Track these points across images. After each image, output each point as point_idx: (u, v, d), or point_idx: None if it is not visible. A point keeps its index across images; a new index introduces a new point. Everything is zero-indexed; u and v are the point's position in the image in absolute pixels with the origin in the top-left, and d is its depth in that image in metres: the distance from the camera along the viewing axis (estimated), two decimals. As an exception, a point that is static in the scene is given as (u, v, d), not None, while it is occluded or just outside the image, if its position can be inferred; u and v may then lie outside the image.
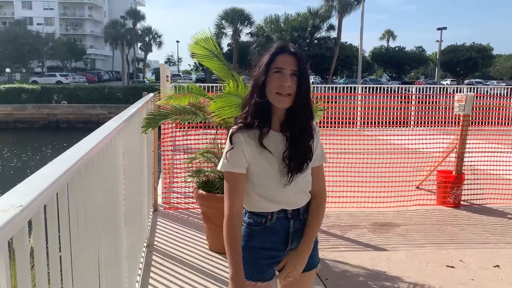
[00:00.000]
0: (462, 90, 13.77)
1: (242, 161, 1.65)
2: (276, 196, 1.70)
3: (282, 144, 1.65)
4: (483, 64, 55.21)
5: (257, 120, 1.62)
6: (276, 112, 1.64)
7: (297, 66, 1.58)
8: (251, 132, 1.64)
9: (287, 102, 1.58)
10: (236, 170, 1.65)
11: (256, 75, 1.64)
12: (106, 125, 2.06)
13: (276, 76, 1.57)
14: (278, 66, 1.58)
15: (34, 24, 62.42)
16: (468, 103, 5.24)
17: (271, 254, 1.74)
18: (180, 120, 3.51)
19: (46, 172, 1.13)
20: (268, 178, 1.68)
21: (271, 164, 1.66)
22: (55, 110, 31.48)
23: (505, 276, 3.42)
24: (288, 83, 1.55)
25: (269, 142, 1.64)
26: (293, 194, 1.71)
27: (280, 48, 1.63)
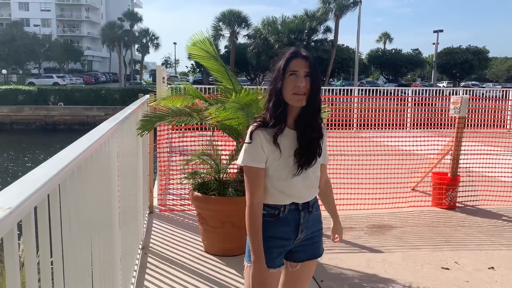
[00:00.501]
0: (458, 93, 13.82)
1: (261, 156, 1.81)
2: (289, 189, 1.85)
3: (296, 141, 1.82)
4: (479, 67, 55.50)
5: (274, 120, 1.79)
6: (292, 112, 1.80)
7: (309, 68, 1.76)
8: (269, 130, 1.80)
9: (303, 100, 1.74)
10: (256, 164, 1.81)
11: (273, 79, 1.82)
12: (100, 127, 2.06)
13: (291, 78, 1.74)
14: (292, 69, 1.75)
15: (31, 26, 62.31)
16: (463, 105, 5.26)
17: (283, 243, 1.90)
18: (175, 122, 3.50)
19: (37, 173, 1.12)
20: (283, 173, 1.83)
21: (286, 160, 1.82)
22: (52, 112, 31.40)
23: (500, 277, 3.43)
24: (303, 84, 1.73)
25: (284, 139, 1.80)
26: (304, 188, 1.88)
27: (293, 53, 1.80)
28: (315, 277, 3.34)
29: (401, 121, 11.64)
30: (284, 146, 1.81)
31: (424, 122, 11.02)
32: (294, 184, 1.85)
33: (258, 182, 1.82)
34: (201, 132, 5.43)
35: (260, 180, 1.83)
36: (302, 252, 1.97)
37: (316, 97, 1.77)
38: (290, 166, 1.83)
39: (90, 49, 71.31)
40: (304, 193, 1.90)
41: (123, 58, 53.78)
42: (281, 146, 1.81)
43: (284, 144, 1.81)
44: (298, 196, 1.88)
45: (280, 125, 1.79)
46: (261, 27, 43.22)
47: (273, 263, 1.87)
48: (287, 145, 1.82)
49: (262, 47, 42.50)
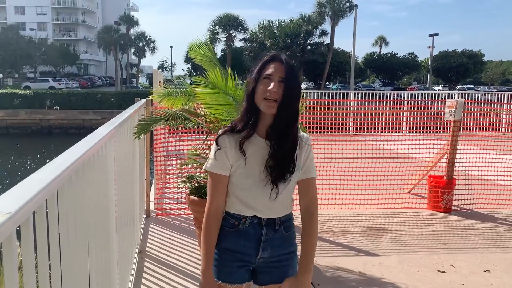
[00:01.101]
0: (453, 96, 13.89)
1: (225, 163, 1.70)
2: (252, 201, 1.73)
3: (265, 151, 1.68)
4: (474, 70, 55.79)
5: (242, 125, 1.68)
6: (264, 119, 1.67)
7: (285, 73, 1.63)
8: (236, 136, 1.69)
9: (273, 107, 1.61)
10: (218, 171, 1.71)
11: (248, 81, 1.70)
12: (98, 131, 2.06)
13: (264, 82, 1.63)
14: (267, 73, 1.63)
15: (27, 29, 62.10)
16: (458, 109, 5.29)
17: (242, 257, 1.76)
18: (172, 126, 3.51)
19: (36, 178, 1.13)
20: (246, 182, 1.71)
21: (251, 169, 1.69)
22: (48, 116, 31.30)
23: (495, 280, 3.45)
24: (274, 88, 1.60)
25: (251, 147, 1.68)
26: (269, 202, 1.72)
27: (272, 56, 1.69)
28: (312, 280, 3.35)
29: (397, 125, 11.69)
30: (250, 154, 1.69)
31: (420, 126, 11.07)
32: (257, 196, 1.71)
33: (219, 189, 1.72)
34: (197, 136, 5.44)
35: (221, 187, 1.72)
36: (266, 274, 1.80)
37: (289, 106, 1.63)
38: (256, 176, 1.69)
39: (86, 53, 71.24)
40: (270, 208, 1.74)
41: (120, 62, 53.75)
42: (247, 154, 1.68)
43: (251, 152, 1.69)
44: (261, 210, 1.73)
45: (247, 131, 1.67)
46: (257, 31, 43.35)
47: (231, 277, 1.76)
48: (254, 153, 1.69)
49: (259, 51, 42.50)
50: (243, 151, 1.67)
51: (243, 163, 1.68)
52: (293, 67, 1.68)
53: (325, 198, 5.19)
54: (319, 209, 1.91)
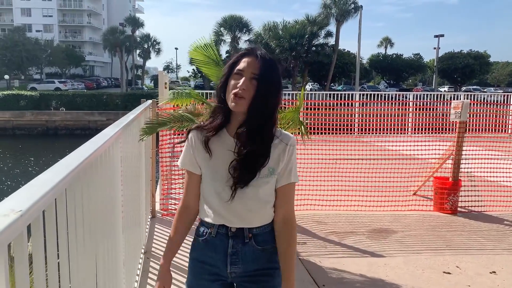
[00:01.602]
0: (459, 97, 13.84)
1: (191, 158, 1.61)
2: (219, 207, 1.58)
3: (232, 154, 1.54)
4: (480, 71, 55.49)
5: (211, 120, 1.58)
6: (236, 116, 1.54)
7: (259, 69, 1.49)
8: (204, 132, 1.58)
9: (240, 105, 1.48)
10: (186, 167, 1.63)
11: (220, 78, 1.59)
12: (104, 132, 2.08)
13: (235, 77, 1.50)
14: (239, 68, 1.51)
15: (33, 31, 62.61)
16: (464, 110, 5.28)
17: (212, 270, 1.64)
18: (177, 128, 3.53)
19: (45, 178, 1.14)
20: (212, 185, 1.58)
21: (217, 170, 1.57)
22: (54, 117, 31.49)
23: (502, 282, 3.44)
24: (243, 86, 1.47)
25: (219, 144, 1.57)
26: (238, 210, 1.57)
27: (247, 50, 1.57)
28: (317, 281, 3.35)
29: (402, 126, 11.66)
30: (216, 152, 1.56)
31: (425, 127, 11.04)
32: (223, 201, 1.55)
33: (188, 187, 1.65)
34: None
35: (190, 185, 1.64)
36: None
37: (261, 105, 1.48)
38: (221, 177, 1.55)
39: (92, 54, 71.61)
40: (238, 216, 1.57)
41: (125, 63, 53.97)
42: (213, 152, 1.56)
43: (218, 150, 1.56)
44: (228, 218, 1.57)
45: (213, 127, 1.55)
46: (262, 32, 43.33)
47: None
48: (221, 152, 1.55)
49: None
50: (208, 148, 1.56)
51: (208, 163, 1.58)
52: (270, 63, 1.53)
53: (330, 199, 5.19)
54: (325, 210, 1.82)
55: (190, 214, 1.69)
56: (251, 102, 1.47)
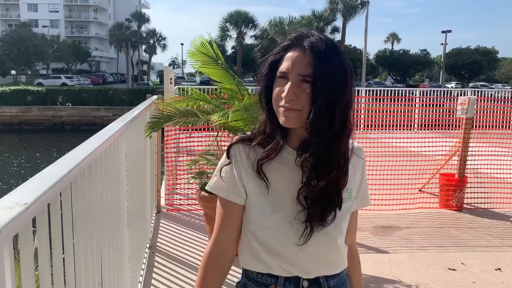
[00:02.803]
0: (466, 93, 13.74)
1: (235, 184, 1.17)
2: (285, 252, 1.15)
3: (298, 170, 1.13)
4: (488, 67, 55.08)
5: (262, 135, 1.17)
6: (295, 130, 1.13)
7: (310, 68, 1.04)
8: (257, 149, 1.16)
9: (291, 120, 1.07)
10: (227, 196, 1.19)
11: (259, 78, 1.17)
12: (110, 127, 2.09)
13: (279, 82, 1.09)
14: (282, 69, 1.09)
15: (40, 27, 62.90)
16: (470, 106, 5.24)
17: None
18: (182, 123, 3.53)
19: (51, 171, 1.15)
20: (274, 221, 1.14)
21: (280, 199, 1.14)
22: (60, 112, 31.68)
23: (507, 279, 3.42)
24: (289, 96, 1.05)
25: (278, 165, 1.15)
26: (314, 254, 1.16)
27: (290, 40, 1.12)
28: (322, 277, 3.35)
29: (409, 122, 11.61)
30: (275, 174, 1.14)
31: (432, 123, 10.98)
32: (291, 244, 1.14)
33: (227, 221, 1.20)
34: (208, 132, 5.47)
35: (230, 221, 1.20)
36: None
37: (324, 114, 1.04)
38: (288, 210, 1.13)
39: (98, 50, 71.87)
40: (315, 262, 1.17)
41: (131, 59, 54.10)
42: (270, 176, 1.14)
43: (276, 170, 1.14)
44: (301, 266, 1.16)
45: (271, 147, 1.13)
46: (268, 27, 43.24)
47: None
48: (282, 173, 1.15)
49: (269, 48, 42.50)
50: (263, 174, 1.13)
51: (264, 191, 1.14)
52: (326, 51, 1.06)
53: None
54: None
55: (225, 264, 1.21)
56: (309, 115, 1.05)
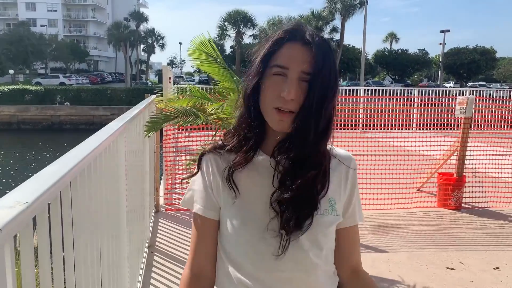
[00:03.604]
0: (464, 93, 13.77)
1: (208, 200, 1.08)
2: (257, 271, 1.01)
3: (271, 175, 1.02)
4: (486, 67, 55.17)
5: (235, 141, 1.06)
6: (273, 132, 1.02)
7: (313, 65, 0.95)
8: (230, 156, 1.06)
9: (287, 123, 0.97)
10: (201, 212, 1.09)
11: (247, 74, 1.06)
12: (109, 126, 2.09)
13: (275, 80, 0.97)
14: (280, 63, 0.97)
15: (38, 26, 62.73)
16: (469, 105, 5.25)
17: None
18: (181, 123, 3.54)
19: (51, 170, 1.15)
20: (244, 235, 1.02)
21: (250, 209, 1.03)
22: (58, 112, 31.62)
23: (505, 278, 3.43)
24: (291, 95, 0.94)
25: (248, 172, 1.05)
26: (290, 272, 1.01)
27: (287, 32, 1.00)
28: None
29: (407, 122, 11.62)
30: (247, 182, 1.04)
31: (430, 123, 10.99)
32: (265, 260, 1.00)
33: (203, 240, 1.10)
34: (206, 132, 5.47)
35: (204, 238, 1.10)
36: None
37: (317, 117, 0.96)
38: (260, 221, 1.01)
39: (96, 49, 71.75)
40: (291, 282, 1.01)
41: (129, 58, 54.03)
42: (240, 180, 1.04)
43: (248, 178, 1.05)
44: (274, 285, 1.01)
45: (243, 155, 1.04)
46: (267, 27, 43.23)
47: None
48: (254, 181, 1.04)
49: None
50: (233, 183, 1.04)
51: (235, 200, 1.04)
52: (325, 49, 0.98)
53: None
54: None
55: (206, 284, 1.10)
56: (300, 117, 0.96)
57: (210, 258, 1.10)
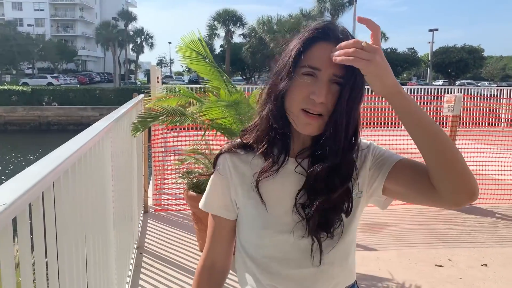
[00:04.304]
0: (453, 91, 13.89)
1: (225, 200, 1.10)
2: (287, 272, 1.04)
3: (295, 178, 1.02)
4: (474, 65, 55.85)
5: (263, 144, 1.03)
6: (298, 135, 1.01)
7: (346, 69, 0.92)
8: (251, 158, 1.05)
9: (315, 127, 0.96)
10: (216, 212, 1.12)
11: (274, 73, 1.01)
12: (94, 126, 2.06)
13: (305, 81, 0.94)
14: (312, 64, 0.93)
15: (25, 25, 62.03)
16: (457, 104, 5.29)
17: None
18: (169, 122, 3.51)
19: (32, 171, 1.13)
20: (267, 241, 1.04)
21: (274, 215, 1.03)
22: (46, 112, 31.27)
23: (493, 274, 3.46)
24: (322, 98, 0.92)
25: (275, 177, 1.03)
26: (319, 267, 1.03)
27: (322, 31, 0.95)
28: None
29: (396, 120, 11.69)
30: (272, 188, 1.03)
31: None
32: (286, 256, 1.03)
33: (217, 235, 1.14)
34: (196, 131, 5.44)
35: (220, 232, 1.13)
36: None
37: (345, 124, 0.95)
38: (282, 226, 1.02)
39: (84, 49, 71.14)
40: (313, 277, 1.04)
41: (118, 58, 53.66)
42: (264, 189, 1.03)
43: (274, 183, 1.03)
44: (295, 283, 1.04)
45: (270, 162, 1.02)
46: (257, 26, 43.28)
47: None
48: (280, 185, 1.03)
49: (257, 46, 42.56)
50: (259, 192, 1.03)
51: (256, 204, 1.04)
52: None
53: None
54: None
55: (219, 277, 1.16)
56: (330, 121, 0.94)
57: (224, 253, 1.15)
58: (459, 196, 0.93)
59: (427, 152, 0.93)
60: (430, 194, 0.96)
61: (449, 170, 0.91)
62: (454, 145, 0.94)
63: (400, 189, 1.04)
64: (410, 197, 1.04)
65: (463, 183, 0.92)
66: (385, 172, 1.04)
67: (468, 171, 0.93)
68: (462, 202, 0.94)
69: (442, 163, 0.91)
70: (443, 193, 0.93)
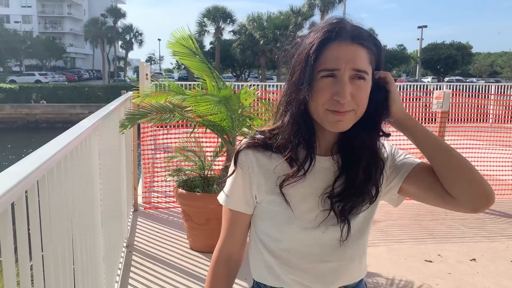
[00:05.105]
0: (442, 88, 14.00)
1: (244, 195, 1.10)
2: (307, 266, 1.08)
3: (329, 173, 1.06)
4: (462, 62, 56.38)
5: (289, 152, 1.03)
6: (324, 132, 1.03)
7: (364, 62, 0.95)
8: (270, 154, 1.06)
9: (345, 123, 0.97)
10: (234, 207, 1.13)
11: (291, 77, 1.02)
12: (81, 124, 2.03)
13: (325, 82, 0.95)
14: (329, 67, 0.94)
15: (12, 22, 61.23)
16: (445, 100, 5.32)
17: None
18: (157, 120, 3.48)
19: (15, 170, 1.10)
20: (289, 236, 1.06)
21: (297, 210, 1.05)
22: (34, 110, 30.91)
23: (481, 269, 3.49)
24: (345, 98, 0.93)
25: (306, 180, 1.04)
26: (338, 261, 1.09)
27: (335, 32, 0.95)
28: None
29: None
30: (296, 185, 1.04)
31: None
32: (311, 250, 1.06)
33: (233, 228, 1.15)
34: (186, 129, 5.41)
35: (237, 226, 1.15)
36: None
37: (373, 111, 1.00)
38: (306, 221, 1.05)
39: (73, 46, 70.39)
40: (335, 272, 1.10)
41: (107, 55, 53.21)
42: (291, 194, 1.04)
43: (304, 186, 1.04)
44: (323, 277, 1.08)
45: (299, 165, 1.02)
46: (246, 23, 43.14)
47: None
48: (304, 183, 1.04)
49: (247, 43, 42.45)
50: (283, 192, 1.04)
51: (281, 201, 1.05)
52: (375, 45, 0.99)
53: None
54: None
55: (233, 269, 1.19)
56: (360, 115, 0.99)
57: (240, 244, 1.16)
58: (474, 202, 0.99)
59: (442, 167, 1.02)
60: (447, 198, 1.02)
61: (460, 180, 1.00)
62: (463, 158, 1.04)
63: (417, 191, 1.10)
64: (426, 199, 1.09)
65: (476, 190, 0.98)
66: (403, 173, 1.09)
67: (478, 179, 0.99)
68: (479, 208, 1.00)
69: (453, 174, 1.00)
70: (459, 199, 1.00)
